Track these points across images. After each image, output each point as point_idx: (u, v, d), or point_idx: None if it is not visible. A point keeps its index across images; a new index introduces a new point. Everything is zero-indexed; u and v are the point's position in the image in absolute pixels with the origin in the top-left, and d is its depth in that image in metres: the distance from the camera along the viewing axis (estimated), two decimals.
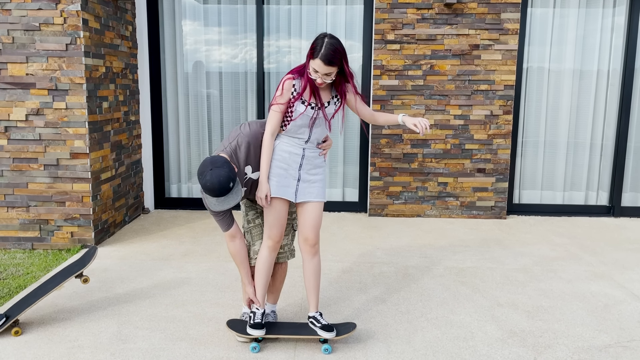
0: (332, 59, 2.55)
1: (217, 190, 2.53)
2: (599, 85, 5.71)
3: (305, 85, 2.66)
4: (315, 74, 2.60)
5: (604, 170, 5.85)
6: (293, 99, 2.69)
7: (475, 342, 2.98)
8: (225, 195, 2.57)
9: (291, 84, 2.69)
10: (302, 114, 2.70)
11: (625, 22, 5.57)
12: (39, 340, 2.95)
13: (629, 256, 4.49)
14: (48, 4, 4.21)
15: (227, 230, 2.83)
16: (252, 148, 2.77)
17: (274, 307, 3.17)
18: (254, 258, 2.97)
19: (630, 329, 3.16)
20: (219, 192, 2.54)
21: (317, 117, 2.74)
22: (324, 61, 2.55)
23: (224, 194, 2.56)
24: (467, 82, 5.44)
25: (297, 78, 2.70)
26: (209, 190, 2.54)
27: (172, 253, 4.43)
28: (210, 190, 2.54)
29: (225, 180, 2.53)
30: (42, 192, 4.42)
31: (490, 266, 4.19)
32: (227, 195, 2.58)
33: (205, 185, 2.54)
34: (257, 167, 2.82)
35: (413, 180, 5.61)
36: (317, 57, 2.55)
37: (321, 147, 2.86)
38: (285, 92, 2.69)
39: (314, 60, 2.57)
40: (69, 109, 4.33)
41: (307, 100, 2.71)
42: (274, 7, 5.63)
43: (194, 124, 5.87)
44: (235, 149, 2.74)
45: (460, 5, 5.30)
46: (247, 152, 2.76)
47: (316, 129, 2.77)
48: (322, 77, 2.61)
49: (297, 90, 2.69)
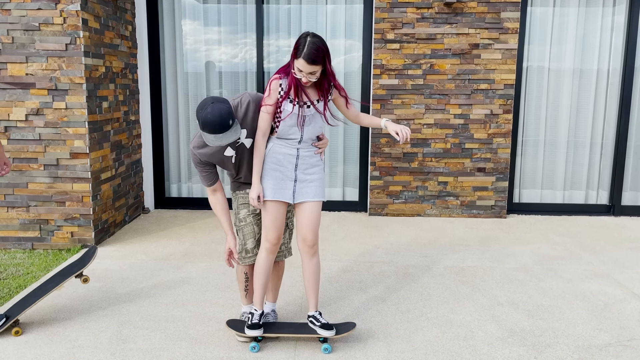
0: (315, 58, 2.55)
1: (217, 124, 2.45)
2: (599, 84, 5.71)
3: (291, 84, 2.66)
4: (300, 73, 2.61)
5: (604, 169, 5.85)
6: (281, 98, 2.69)
7: (475, 341, 2.98)
8: (224, 132, 2.49)
9: (278, 83, 2.69)
10: (291, 114, 2.69)
11: (625, 21, 5.57)
12: (39, 340, 2.95)
13: (629, 255, 4.49)
14: (48, 4, 4.21)
15: (211, 185, 2.87)
16: (251, 111, 2.73)
17: (274, 305, 3.17)
18: (247, 257, 2.95)
19: (631, 327, 3.16)
20: (220, 127, 2.46)
21: (307, 115, 2.73)
22: (307, 60, 2.55)
23: (223, 130, 2.48)
24: (467, 81, 5.44)
25: (283, 77, 2.70)
26: (209, 124, 2.44)
27: (172, 253, 4.43)
28: (211, 124, 2.44)
29: (227, 114, 2.46)
30: (42, 192, 4.42)
31: (491, 265, 4.19)
32: (226, 132, 2.51)
33: (206, 118, 2.45)
34: (251, 135, 2.78)
35: (413, 179, 5.61)
36: (301, 57, 2.56)
37: (317, 145, 2.84)
38: (273, 92, 2.69)
39: (297, 59, 2.58)
40: (68, 108, 4.33)
41: (294, 99, 2.70)
42: (273, 7, 5.63)
43: (194, 123, 5.87)
44: (237, 106, 2.73)
45: (460, 5, 5.30)
46: (245, 113, 2.73)
47: (307, 127, 2.75)
48: (306, 76, 2.61)
49: (284, 89, 2.69)
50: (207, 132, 2.51)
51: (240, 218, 2.94)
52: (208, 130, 2.49)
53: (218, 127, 2.47)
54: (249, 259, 2.96)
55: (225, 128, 2.49)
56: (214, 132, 2.50)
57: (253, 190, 2.74)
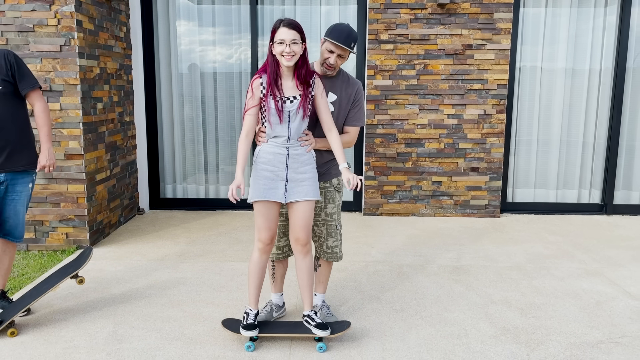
0: (294, 23, 2.63)
1: (345, 32, 2.78)
2: (591, 84, 5.76)
3: (269, 80, 2.68)
4: (281, 45, 2.62)
5: (596, 169, 5.90)
6: (263, 96, 2.71)
7: (469, 339, 3.01)
8: (346, 43, 2.78)
9: (259, 82, 2.72)
10: (273, 110, 2.70)
11: (616, 21, 5.62)
12: (35, 341, 2.96)
13: (620, 253, 4.53)
14: (42, 5, 4.21)
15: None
16: (349, 88, 2.97)
17: (281, 297, 3.26)
18: (276, 253, 3.11)
19: (622, 325, 3.20)
20: (346, 36, 2.78)
21: (290, 110, 2.72)
22: (288, 26, 2.61)
23: (347, 42, 2.78)
24: (461, 81, 5.47)
25: (263, 75, 2.73)
26: (341, 28, 2.79)
27: (168, 253, 4.44)
28: (341, 30, 2.79)
29: (356, 35, 2.84)
30: (36, 194, 4.42)
31: (484, 264, 4.22)
32: (345, 44, 2.79)
33: (342, 25, 2.81)
34: (335, 106, 2.96)
35: (407, 179, 5.64)
36: (280, 26, 2.62)
37: (300, 139, 2.79)
38: (255, 91, 2.72)
39: (278, 32, 2.62)
40: (63, 110, 4.33)
41: (276, 94, 2.71)
42: (268, 8, 5.64)
43: (189, 124, 5.88)
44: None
45: (453, 5, 5.33)
46: (347, 83, 2.95)
47: (293, 123, 2.74)
48: (289, 46, 2.61)
49: (265, 87, 2.71)
50: (332, 36, 2.77)
51: None
52: (335, 34, 2.76)
53: (346, 36, 2.75)
54: (276, 255, 3.12)
55: (349, 40, 2.76)
56: (337, 39, 2.74)
57: (234, 182, 2.69)
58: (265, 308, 3.21)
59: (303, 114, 2.75)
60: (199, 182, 5.97)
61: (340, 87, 2.93)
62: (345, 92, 2.94)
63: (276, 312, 3.22)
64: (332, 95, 2.91)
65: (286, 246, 3.10)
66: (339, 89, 2.92)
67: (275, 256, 3.12)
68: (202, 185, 5.97)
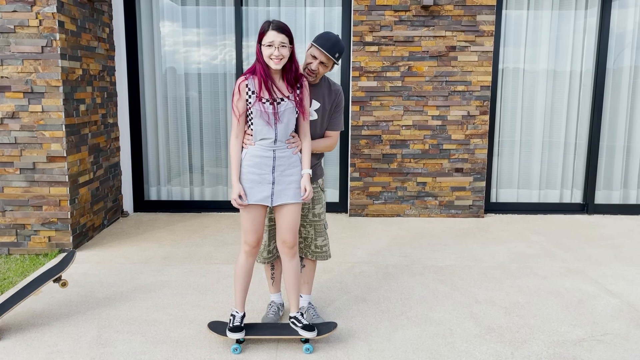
0: (282, 26, 2.62)
1: (332, 42, 2.81)
2: (572, 86, 5.84)
3: (260, 81, 2.68)
4: (270, 48, 2.61)
5: (577, 169, 5.99)
6: (249, 98, 2.71)
7: (454, 338, 3.04)
8: (329, 51, 2.80)
9: (245, 84, 2.71)
10: (261, 111, 2.69)
11: (597, 23, 5.71)
12: (17, 346, 2.91)
13: (602, 252, 4.60)
14: (23, 6, 4.15)
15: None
16: (330, 94, 3.01)
17: (280, 298, 3.29)
18: (268, 257, 3.12)
19: (604, 323, 3.25)
20: (332, 45, 2.81)
21: (278, 112, 2.73)
22: (277, 29, 2.60)
23: (332, 51, 2.81)
24: (445, 83, 5.52)
25: (249, 78, 2.72)
26: (327, 36, 2.82)
27: (152, 256, 4.40)
28: (327, 38, 2.82)
29: (342, 46, 2.88)
30: (18, 197, 4.36)
31: (469, 264, 4.26)
32: (328, 51, 2.82)
33: (329, 34, 2.84)
34: (315, 111, 2.97)
35: (392, 180, 5.66)
36: (269, 29, 2.61)
37: (288, 141, 2.79)
38: (242, 92, 2.71)
39: (267, 35, 2.61)
40: (45, 112, 4.28)
41: (263, 96, 2.70)
42: (252, 9, 5.63)
43: (173, 126, 5.84)
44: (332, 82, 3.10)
45: (436, 8, 5.38)
46: (329, 90, 3.00)
47: (280, 125, 2.73)
48: (278, 49, 2.61)
49: (251, 89, 2.70)
50: (318, 42, 2.80)
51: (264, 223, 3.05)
52: (320, 41, 2.79)
53: (331, 44, 2.77)
54: (267, 259, 3.14)
55: (334, 50, 2.78)
56: (322, 45, 2.76)
57: (233, 191, 2.74)
58: (272, 309, 3.22)
59: (297, 113, 2.77)
60: (184, 184, 5.93)
61: (324, 94, 2.94)
62: (329, 99, 2.95)
63: (281, 311, 3.25)
64: (316, 102, 2.92)
65: (275, 248, 3.11)
66: (321, 96, 2.94)
67: (266, 260, 3.12)
68: (187, 187, 5.94)
